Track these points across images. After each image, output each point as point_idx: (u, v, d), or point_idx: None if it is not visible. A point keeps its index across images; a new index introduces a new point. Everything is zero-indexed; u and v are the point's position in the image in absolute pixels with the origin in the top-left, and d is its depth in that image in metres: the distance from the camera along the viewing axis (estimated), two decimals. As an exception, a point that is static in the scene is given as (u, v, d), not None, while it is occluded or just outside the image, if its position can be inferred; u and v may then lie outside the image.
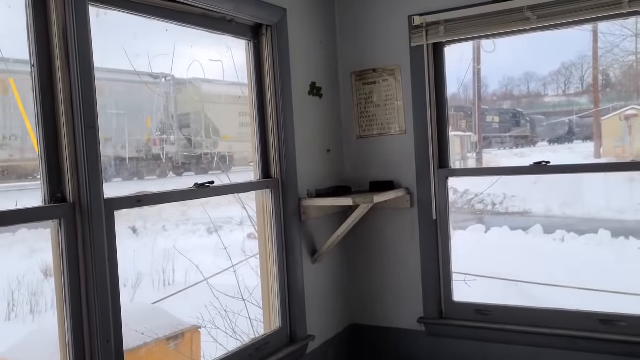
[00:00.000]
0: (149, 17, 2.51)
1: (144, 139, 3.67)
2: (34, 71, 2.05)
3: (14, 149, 4.70)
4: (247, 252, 4.64)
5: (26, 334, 3.61)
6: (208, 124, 3.76)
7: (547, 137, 12.31)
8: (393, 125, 3.65)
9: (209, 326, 3.98)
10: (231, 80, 3.31)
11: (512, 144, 12.82)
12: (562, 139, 11.62)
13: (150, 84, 3.08)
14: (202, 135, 3.73)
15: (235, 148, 3.92)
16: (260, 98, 3.18)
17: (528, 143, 12.33)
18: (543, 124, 11.84)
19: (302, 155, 3.35)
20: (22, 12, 2.04)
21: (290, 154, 3.25)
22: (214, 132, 3.77)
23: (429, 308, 3.57)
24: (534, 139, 12.24)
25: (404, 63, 3.55)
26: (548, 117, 12.34)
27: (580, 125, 11.17)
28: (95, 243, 2.13)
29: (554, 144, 11.94)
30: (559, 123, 11.81)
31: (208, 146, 3.81)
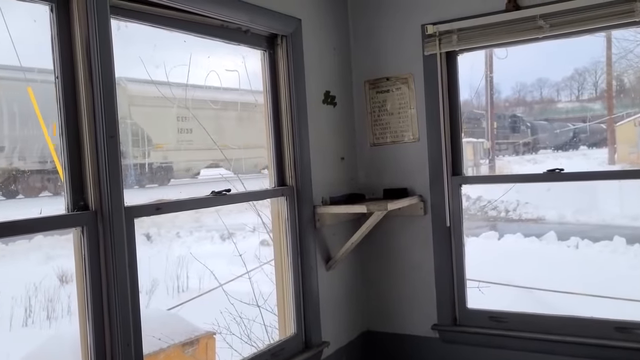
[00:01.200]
0: (168, 29, 2.57)
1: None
2: (58, 82, 2.11)
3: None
4: (261, 258, 4.68)
5: (44, 340, 3.65)
6: (136, 131, 3.50)
7: (560, 143, 12.25)
8: (406, 133, 3.68)
9: (224, 332, 4.02)
10: (244, 87, 3.35)
11: (523, 151, 12.77)
12: (575, 145, 11.55)
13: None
14: (129, 144, 3.41)
15: (173, 157, 3.66)
16: (275, 107, 3.22)
17: (538, 149, 12.27)
18: (556, 130, 11.79)
19: (316, 163, 3.39)
20: (47, 25, 2.11)
21: (304, 161, 3.29)
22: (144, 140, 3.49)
23: (442, 315, 3.58)
24: (545, 145, 12.19)
25: (417, 71, 3.59)
26: (560, 123, 12.28)
27: (593, 131, 11.12)
28: (116, 250, 2.18)
29: (567, 150, 11.87)
30: (572, 129, 11.75)
31: (137, 156, 3.53)
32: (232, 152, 3.68)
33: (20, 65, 3.25)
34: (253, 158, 5.52)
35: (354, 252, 3.62)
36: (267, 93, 3.21)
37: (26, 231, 1.98)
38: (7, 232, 1.91)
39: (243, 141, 3.85)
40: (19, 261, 8.04)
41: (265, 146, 3.26)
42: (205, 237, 9.90)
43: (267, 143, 3.25)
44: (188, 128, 5.37)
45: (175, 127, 4.21)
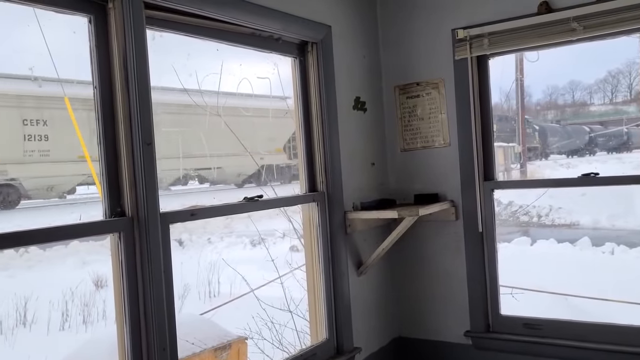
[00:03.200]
0: (202, 38, 2.61)
1: None
2: (96, 92, 2.16)
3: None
4: (291, 264, 4.71)
5: (81, 344, 3.73)
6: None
7: (593, 147, 11.98)
8: (437, 137, 3.66)
9: (256, 337, 4.05)
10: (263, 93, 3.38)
11: (555, 155, 12.50)
12: (609, 148, 11.30)
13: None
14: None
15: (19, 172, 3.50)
16: (306, 113, 3.25)
17: (570, 153, 12.03)
18: (591, 134, 11.55)
19: (347, 168, 3.39)
20: (86, 36, 2.17)
21: (335, 167, 3.30)
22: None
23: (475, 321, 3.54)
24: (578, 149, 11.94)
25: (448, 76, 3.57)
26: (593, 126, 12.02)
27: (629, 134, 10.85)
28: (152, 255, 2.22)
29: (601, 154, 11.62)
30: (606, 133, 11.50)
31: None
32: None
33: (58, 76, 3.35)
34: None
35: (385, 258, 3.61)
36: (298, 99, 3.23)
37: (66, 237, 2.03)
38: (48, 238, 1.97)
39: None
40: (56, 266, 8.25)
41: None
42: (236, 242, 10.00)
43: (299, 149, 3.27)
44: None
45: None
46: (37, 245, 7.86)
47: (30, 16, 2.16)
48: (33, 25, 2.19)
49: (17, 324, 6.14)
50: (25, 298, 6.31)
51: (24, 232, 1.88)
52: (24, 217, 7.93)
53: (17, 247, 2.16)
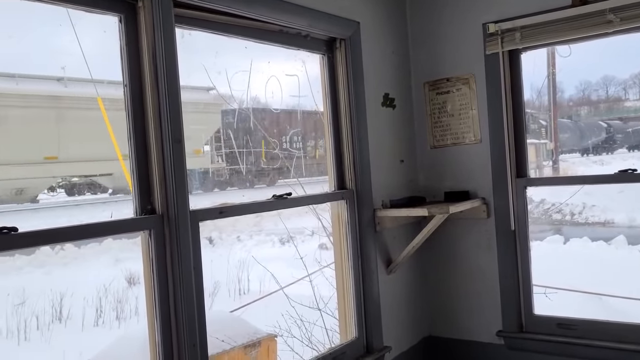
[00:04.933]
0: (230, 36, 2.62)
1: None
2: (127, 91, 2.18)
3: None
4: (320, 262, 4.70)
5: (114, 340, 3.79)
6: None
7: (631, 143, 11.68)
8: (467, 134, 3.61)
9: (285, 335, 4.05)
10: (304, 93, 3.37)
11: (589, 151, 12.23)
12: (633, 146, 10.99)
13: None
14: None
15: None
16: (334, 110, 3.23)
17: (605, 150, 11.74)
18: (627, 130, 11.25)
19: (376, 166, 3.36)
20: (116, 35, 2.19)
21: (364, 165, 3.27)
22: None
23: (508, 321, 3.47)
24: (613, 145, 11.65)
25: (479, 71, 3.51)
26: (629, 122, 11.70)
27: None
28: (182, 252, 2.23)
29: (622, 151, 11.32)
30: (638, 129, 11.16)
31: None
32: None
33: (91, 76, 3.40)
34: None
35: (415, 256, 3.57)
36: (327, 96, 3.21)
37: (98, 234, 2.05)
38: (81, 235, 1.99)
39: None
40: (90, 263, 8.42)
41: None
42: (265, 240, 10.05)
43: (327, 147, 3.25)
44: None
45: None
46: (72, 243, 8.04)
47: (62, 16, 2.19)
48: (65, 25, 2.22)
49: (53, 319, 6.29)
50: (60, 294, 6.46)
51: (60, 229, 1.92)
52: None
53: (53, 244, 2.20)
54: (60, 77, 12.59)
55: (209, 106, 15.49)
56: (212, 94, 15.50)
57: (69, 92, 11.56)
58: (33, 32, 6.05)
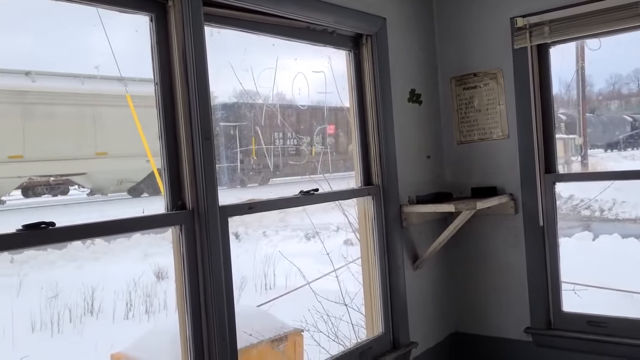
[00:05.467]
0: (258, 34, 2.65)
1: None
2: (157, 89, 2.23)
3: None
4: (346, 257, 4.72)
5: (144, 333, 3.86)
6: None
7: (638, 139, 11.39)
8: (495, 129, 3.58)
9: (312, 330, 4.08)
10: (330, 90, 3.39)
11: (620, 146, 11.99)
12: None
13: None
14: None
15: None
16: (360, 106, 3.23)
17: (637, 145, 11.49)
18: (637, 125, 11.00)
19: (402, 161, 3.36)
20: (147, 35, 2.23)
21: (390, 160, 3.28)
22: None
23: (536, 318, 3.45)
24: (624, 142, 11.38)
25: (507, 66, 3.48)
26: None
27: (701, 124, 10.26)
28: (212, 247, 2.27)
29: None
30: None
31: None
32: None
33: (121, 75, 3.46)
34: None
35: (441, 252, 3.56)
36: (353, 93, 3.22)
37: (132, 229, 2.11)
38: (116, 230, 2.05)
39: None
40: (119, 258, 8.59)
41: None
42: (291, 236, 10.11)
43: (353, 142, 3.27)
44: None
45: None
46: (102, 238, 8.21)
47: (95, 16, 2.24)
48: (99, 25, 2.27)
49: (85, 312, 6.44)
50: (92, 288, 6.60)
51: (96, 224, 1.97)
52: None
53: (90, 238, 2.26)
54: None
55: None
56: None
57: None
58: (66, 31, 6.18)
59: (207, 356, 2.26)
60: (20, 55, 11.28)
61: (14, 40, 11.75)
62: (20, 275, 7.39)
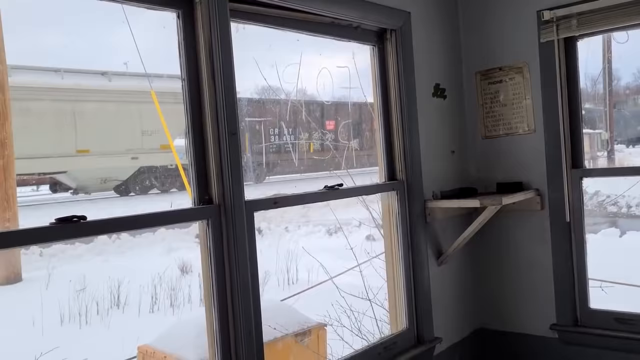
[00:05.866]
0: (283, 29, 2.66)
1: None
2: (184, 84, 2.25)
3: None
4: (369, 253, 4.72)
5: (169, 326, 3.91)
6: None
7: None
8: (521, 124, 3.54)
9: (335, 324, 4.10)
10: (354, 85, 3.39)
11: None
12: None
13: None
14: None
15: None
16: (385, 101, 3.23)
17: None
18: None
19: (426, 156, 3.35)
20: (174, 31, 2.26)
21: (414, 155, 3.27)
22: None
23: (562, 314, 3.41)
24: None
25: (533, 60, 3.44)
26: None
27: None
28: (238, 242, 2.29)
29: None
30: None
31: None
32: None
33: (145, 71, 3.50)
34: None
35: (466, 248, 3.54)
36: (377, 88, 3.22)
37: (161, 223, 2.14)
38: (145, 224, 2.08)
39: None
40: (144, 252, 8.71)
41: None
42: (313, 231, 10.14)
43: (378, 138, 3.26)
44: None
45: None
46: (127, 232, 8.33)
47: (124, 14, 2.27)
48: (127, 23, 2.30)
49: (112, 305, 6.55)
50: (118, 281, 6.71)
51: (126, 218, 2.00)
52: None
53: (119, 232, 2.29)
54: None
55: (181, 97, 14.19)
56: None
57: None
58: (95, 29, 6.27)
59: (234, 349, 2.28)
60: (51, 53, 11.38)
61: (46, 38, 11.85)
62: (49, 268, 7.54)
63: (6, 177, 7.21)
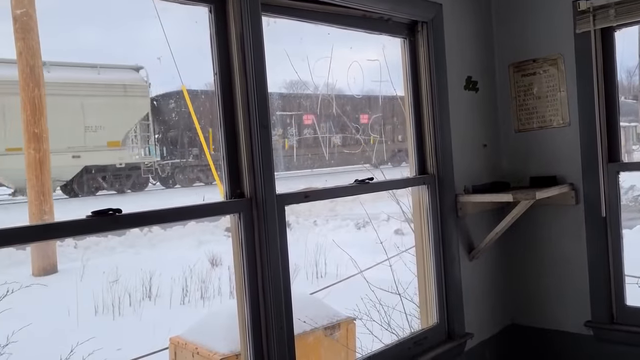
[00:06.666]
0: (314, 23, 2.65)
1: None
2: (217, 79, 2.26)
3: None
4: (396, 247, 4.70)
5: (200, 318, 3.96)
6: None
7: None
8: (555, 117, 3.47)
9: (364, 318, 4.10)
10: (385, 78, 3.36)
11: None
12: None
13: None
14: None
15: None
16: (415, 95, 3.20)
17: None
18: None
19: (458, 150, 3.31)
20: (206, 25, 2.27)
21: (446, 149, 3.23)
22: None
23: (597, 311, 3.34)
24: None
25: (568, 51, 3.36)
26: None
27: None
28: (270, 235, 2.30)
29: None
30: None
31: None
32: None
33: (176, 65, 3.54)
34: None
35: (498, 242, 3.49)
36: (408, 81, 3.19)
37: (194, 216, 2.17)
38: (179, 217, 2.10)
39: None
40: (175, 245, 8.84)
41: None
42: (341, 225, 10.14)
43: (408, 131, 3.23)
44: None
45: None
46: (159, 225, 8.46)
47: (155, 9, 2.29)
48: (162, 16, 2.32)
49: (144, 297, 6.67)
50: (150, 273, 6.83)
51: (160, 211, 2.03)
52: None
53: (153, 225, 2.32)
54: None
55: (134, 89, 12.36)
56: (139, 75, 12.59)
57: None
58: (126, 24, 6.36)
59: (265, 342, 2.30)
60: (86, 49, 11.41)
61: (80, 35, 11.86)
62: (83, 260, 7.72)
63: (43, 171, 7.39)
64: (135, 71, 12.12)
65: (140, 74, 12.02)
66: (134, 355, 4.67)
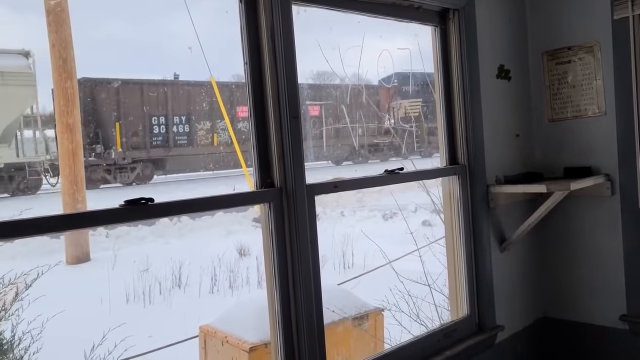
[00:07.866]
0: (344, 11, 2.62)
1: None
2: (247, 68, 2.26)
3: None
4: (425, 238, 4.66)
5: (229, 307, 4.00)
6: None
7: None
8: (590, 106, 3.38)
9: (393, 309, 4.08)
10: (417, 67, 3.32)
11: None
12: None
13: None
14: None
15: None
16: (446, 83, 3.15)
17: None
18: None
19: (489, 140, 3.26)
20: (237, 16, 2.27)
21: (477, 139, 3.18)
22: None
23: (633, 305, 3.26)
24: None
25: (605, 38, 3.26)
26: None
27: None
28: (300, 225, 2.30)
29: None
30: None
31: None
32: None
33: (205, 58, 3.55)
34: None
35: (530, 234, 3.43)
36: (439, 69, 3.14)
37: (224, 206, 2.18)
38: (210, 206, 2.12)
39: None
40: (204, 235, 8.94)
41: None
42: (368, 216, 10.12)
43: (439, 120, 3.19)
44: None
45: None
46: (188, 215, 8.56)
47: (185, 2, 2.29)
48: (192, 7, 2.32)
49: (173, 285, 6.77)
50: (179, 263, 6.93)
51: (191, 201, 2.04)
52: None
53: (185, 214, 2.34)
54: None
55: (18, 77, 11.24)
56: (26, 62, 10.80)
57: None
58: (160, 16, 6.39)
59: (295, 331, 2.30)
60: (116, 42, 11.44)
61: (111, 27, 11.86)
62: (114, 249, 7.86)
63: (75, 161, 7.54)
64: (23, 56, 10.41)
65: (29, 61, 10.36)
66: (165, 342, 4.75)
